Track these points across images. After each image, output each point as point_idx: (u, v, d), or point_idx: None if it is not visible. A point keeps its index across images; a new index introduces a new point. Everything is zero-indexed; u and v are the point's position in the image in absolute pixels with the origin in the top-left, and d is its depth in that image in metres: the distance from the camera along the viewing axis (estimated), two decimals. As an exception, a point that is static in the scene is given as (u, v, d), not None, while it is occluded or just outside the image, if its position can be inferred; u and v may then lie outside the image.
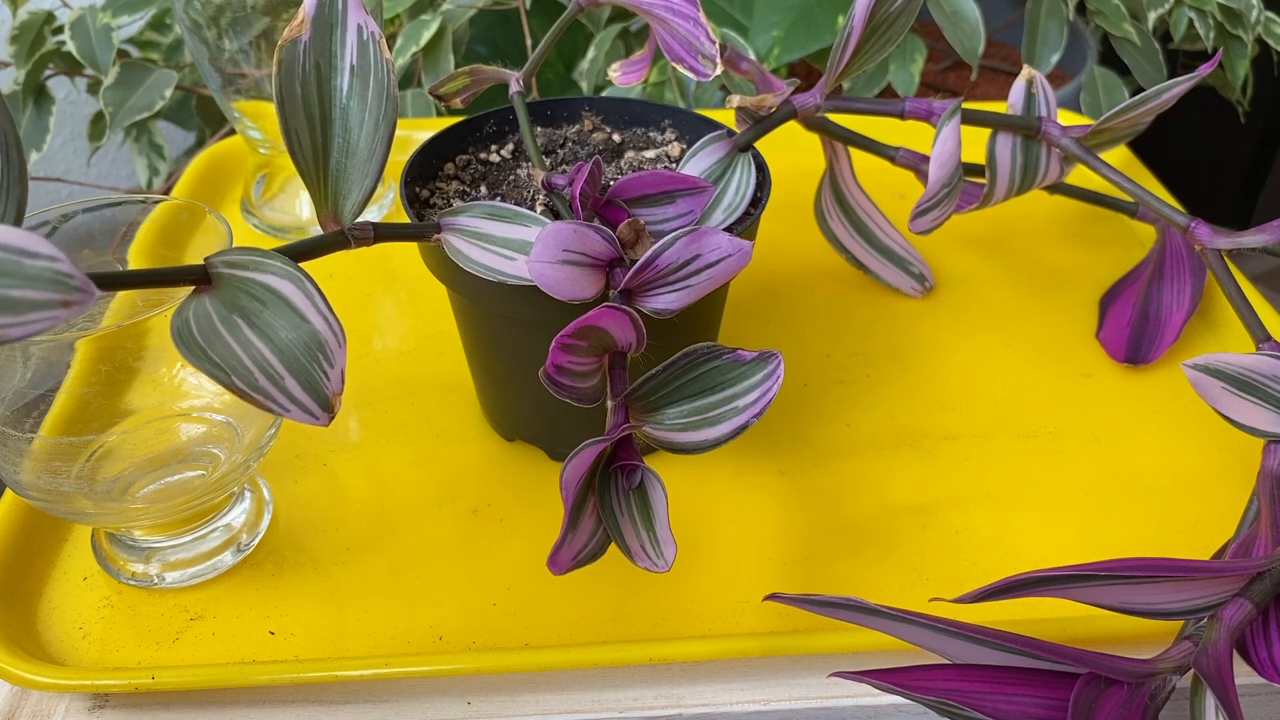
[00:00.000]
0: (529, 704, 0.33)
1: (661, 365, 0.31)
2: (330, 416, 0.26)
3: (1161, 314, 0.47)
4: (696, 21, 0.37)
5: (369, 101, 0.30)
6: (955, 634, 0.28)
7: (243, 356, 0.26)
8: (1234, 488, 0.40)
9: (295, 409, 0.26)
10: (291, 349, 0.26)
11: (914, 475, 0.41)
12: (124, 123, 0.69)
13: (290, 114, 0.30)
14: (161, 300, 0.37)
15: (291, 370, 0.26)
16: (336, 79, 0.30)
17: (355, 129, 0.30)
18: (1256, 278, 1.13)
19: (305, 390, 0.26)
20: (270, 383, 0.26)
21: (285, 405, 0.26)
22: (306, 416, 0.26)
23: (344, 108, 0.30)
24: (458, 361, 0.45)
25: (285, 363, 0.26)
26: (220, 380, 0.25)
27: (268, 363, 0.26)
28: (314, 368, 0.26)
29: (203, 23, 0.49)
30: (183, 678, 0.32)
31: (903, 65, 0.73)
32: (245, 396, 0.25)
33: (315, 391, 0.26)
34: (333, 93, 0.30)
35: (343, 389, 0.26)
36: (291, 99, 0.30)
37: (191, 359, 0.25)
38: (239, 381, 0.25)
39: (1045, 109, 0.43)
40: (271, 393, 0.26)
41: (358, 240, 0.31)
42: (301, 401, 0.26)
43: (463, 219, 0.33)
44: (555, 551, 0.29)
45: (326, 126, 0.30)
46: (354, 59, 0.30)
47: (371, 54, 0.31)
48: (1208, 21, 0.75)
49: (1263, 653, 0.29)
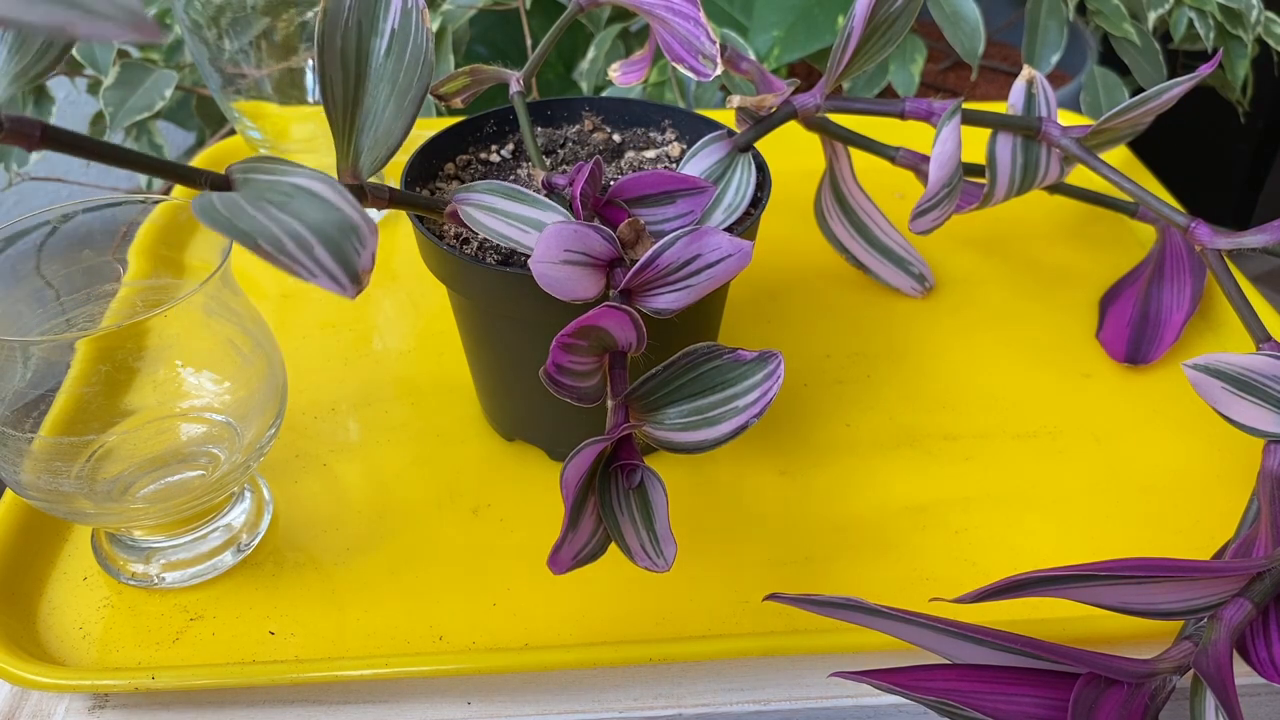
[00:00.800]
0: (529, 704, 0.33)
1: (662, 365, 0.31)
2: (358, 289, 0.25)
3: (1161, 314, 0.47)
4: (697, 21, 0.37)
5: (405, 64, 0.31)
6: (955, 634, 0.28)
7: (270, 225, 0.25)
8: (1234, 488, 0.40)
9: (323, 275, 0.25)
10: (323, 225, 0.25)
11: (914, 475, 0.41)
12: (124, 123, 0.69)
13: (328, 61, 0.30)
14: (162, 300, 0.37)
15: (322, 239, 0.25)
16: (376, 40, 0.31)
17: (388, 88, 0.31)
18: (1256, 278, 1.13)
19: (335, 259, 0.25)
20: (299, 248, 0.25)
21: (313, 270, 0.24)
22: (334, 285, 0.25)
23: (379, 67, 0.31)
24: (458, 361, 0.45)
25: (316, 233, 0.25)
26: (245, 244, 0.24)
27: (297, 233, 0.25)
28: (345, 242, 0.25)
29: (203, 23, 0.49)
30: (183, 678, 0.32)
31: (903, 65, 0.73)
32: (272, 260, 0.24)
33: (345, 262, 0.25)
34: (370, 53, 0.31)
35: (372, 270, 0.25)
36: (331, 48, 0.30)
37: (215, 227, 0.24)
38: (265, 244, 0.24)
39: (1045, 109, 0.43)
40: (299, 257, 0.24)
41: (374, 197, 0.31)
42: (330, 269, 0.25)
43: (476, 195, 0.33)
44: (555, 551, 0.29)
45: (361, 81, 0.31)
46: (395, 24, 0.31)
47: (413, 22, 0.31)
48: (1208, 21, 0.75)
49: (1263, 653, 0.29)
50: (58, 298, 0.36)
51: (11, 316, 0.34)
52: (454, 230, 0.37)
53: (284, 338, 0.48)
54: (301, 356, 0.47)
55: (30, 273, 0.35)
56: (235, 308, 0.35)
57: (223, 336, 0.34)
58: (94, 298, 0.36)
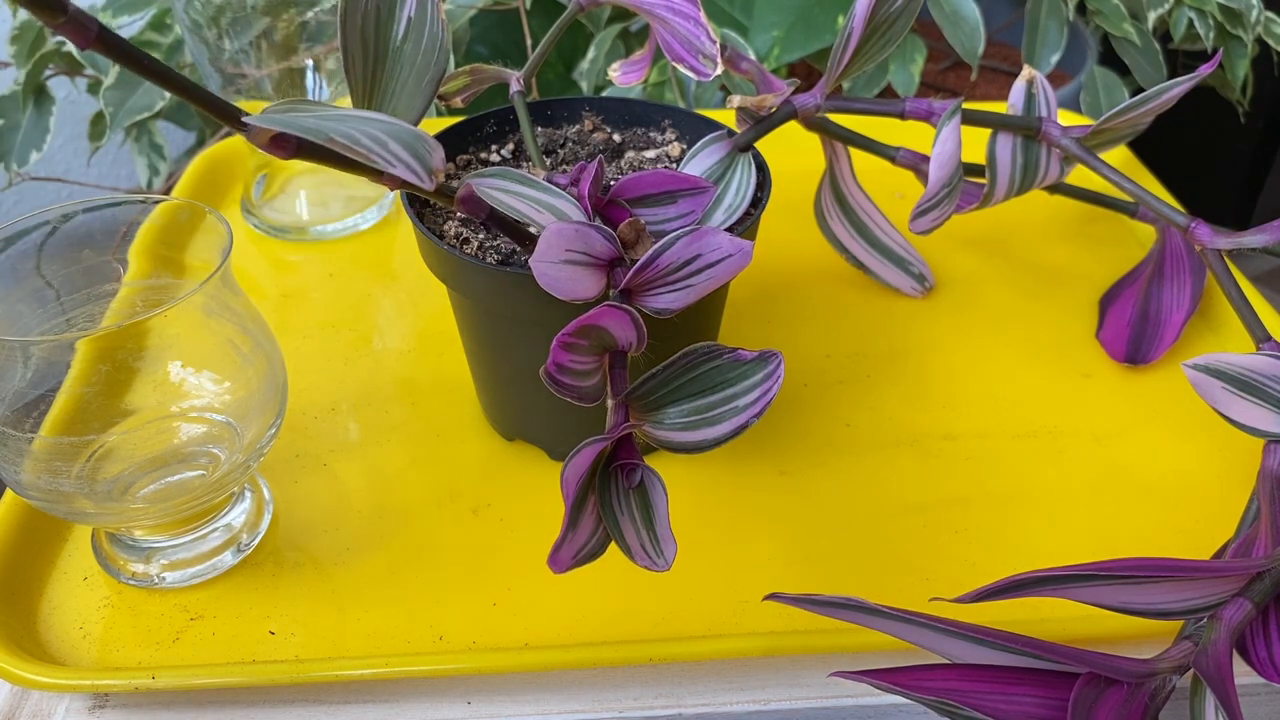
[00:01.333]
0: (529, 704, 0.33)
1: (662, 365, 0.31)
2: (433, 181, 0.26)
3: (1161, 314, 0.47)
4: (697, 21, 0.37)
5: (422, 49, 0.32)
6: (955, 634, 0.28)
7: (341, 125, 0.25)
8: (1234, 488, 0.40)
9: (400, 165, 0.26)
10: (395, 131, 0.26)
11: (914, 475, 0.41)
12: (124, 123, 0.69)
13: (350, 39, 0.31)
14: (162, 300, 0.37)
15: (395, 138, 0.26)
16: (395, 25, 0.32)
17: (406, 69, 0.32)
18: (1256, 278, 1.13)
19: (409, 153, 0.26)
20: (373, 143, 0.25)
21: (390, 161, 0.25)
22: (411, 175, 0.26)
23: (397, 49, 0.32)
24: (458, 361, 0.45)
25: (390, 135, 0.26)
26: (318, 139, 0.25)
27: (372, 133, 0.26)
28: (417, 143, 0.26)
29: (203, 23, 0.49)
30: (183, 677, 0.32)
31: (903, 65, 0.73)
32: (349, 151, 0.25)
33: (420, 157, 0.26)
34: (390, 36, 0.32)
35: (443, 171, 0.26)
36: (353, 27, 0.31)
37: (281, 126, 0.25)
38: (340, 138, 0.25)
39: (1045, 109, 0.43)
40: (375, 150, 0.25)
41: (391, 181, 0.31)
42: (406, 161, 0.26)
43: (490, 179, 0.33)
44: (555, 551, 0.29)
45: (380, 61, 0.32)
46: (412, 12, 0.32)
47: (429, 13, 0.32)
48: (1208, 21, 0.75)
49: (1262, 652, 0.29)
50: (58, 298, 0.36)
51: (11, 316, 0.34)
52: (454, 230, 0.37)
53: (284, 338, 0.48)
54: (301, 356, 0.47)
55: (30, 273, 0.35)
56: (235, 308, 0.35)
57: (223, 336, 0.34)
58: (94, 298, 0.36)
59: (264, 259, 0.54)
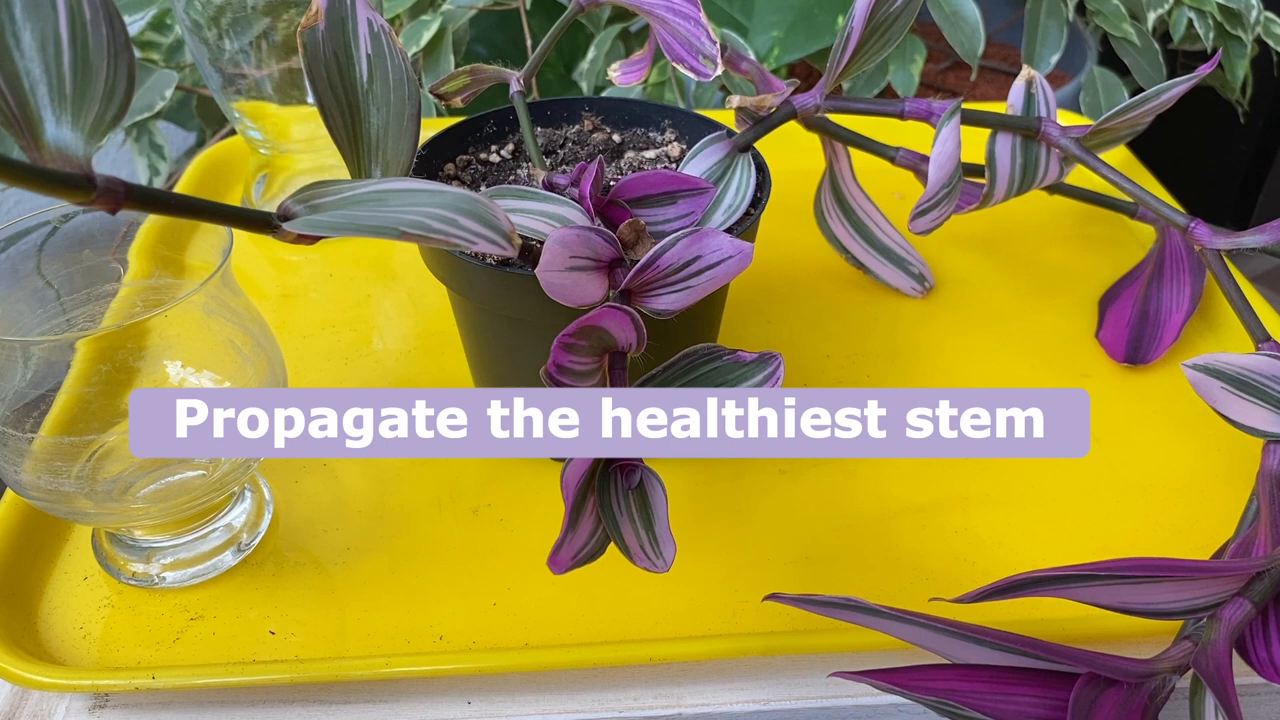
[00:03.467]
0: (529, 704, 0.33)
1: (662, 365, 0.31)
2: (516, 247, 0.26)
3: (1161, 314, 0.47)
4: (697, 21, 0.37)
5: (390, 85, 0.31)
6: (955, 634, 0.28)
7: (404, 215, 0.25)
8: (1234, 488, 0.40)
9: (482, 241, 0.25)
10: (450, 202, 0.25)
11: (914, 475, 0.41)
12: (124, 123, 0.69)
13: (321, 93, 0.31)
14: (162, 300, 0.37)
15: (459, 210, 0.25)
16: (356, 69, 0.31)
17: (382, 110, 0.31)
18: (1256, 278, 1.13)
19: (482, 224, 0.25)
20: (445, 224, 0.25)
21: (470, 238, 0.25)
22: (494, 246, 0.25)
23: (367, 91, 0.31)
24: (458, 361, 0.45)
25: (451, 208, 0.25)
26: (388, 235, 0.24)
27: (433, 213, 0.25)
28: (479, 209, 0.25)
29: (203, 23, 0.49)
30: (183, 677, 0.32)
31: (902, 65, 0.73)
32: (425, 241, 0.25)
33: (493, 225, 0.25)
34: (355, 80, 0.31)
35: (515, 230, 0.26)
36: (319, 80, 0.31)
37: (341, 232, 0.25)
38: (411, 230, 0.24)
39: (1045, 109, 0.43)
40: (449, 231, 0.25)
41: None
42: (484, 234, 0.25)
43: None
44: (555, 551, 0.29)
45: (355, 111, 0.31)
46: (369, 49, 0.31)
47: (385, 45, 0.31)
48: (1207, 22, 0.75)
49: (1262, 652, 0.29)
50: (58, 298, 0.36)
51: (12, 316, 0.34)
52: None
53: (284, 338, 0.48)
54: (301, 356, 0.47)
55: (31, 273, 0.35)
56: (235, 308, 0.35)
57: (223, 336, 0.34)
58: (94, 298, 0.36)
59: (264, 259, 0.54)
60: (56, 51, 0.22)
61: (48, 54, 0.22)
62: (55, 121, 0.23)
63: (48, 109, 0.22)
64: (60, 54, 0.22)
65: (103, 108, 0.23)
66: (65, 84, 0.23)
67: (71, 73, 0.23)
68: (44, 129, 0.22)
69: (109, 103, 0.23)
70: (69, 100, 0.23)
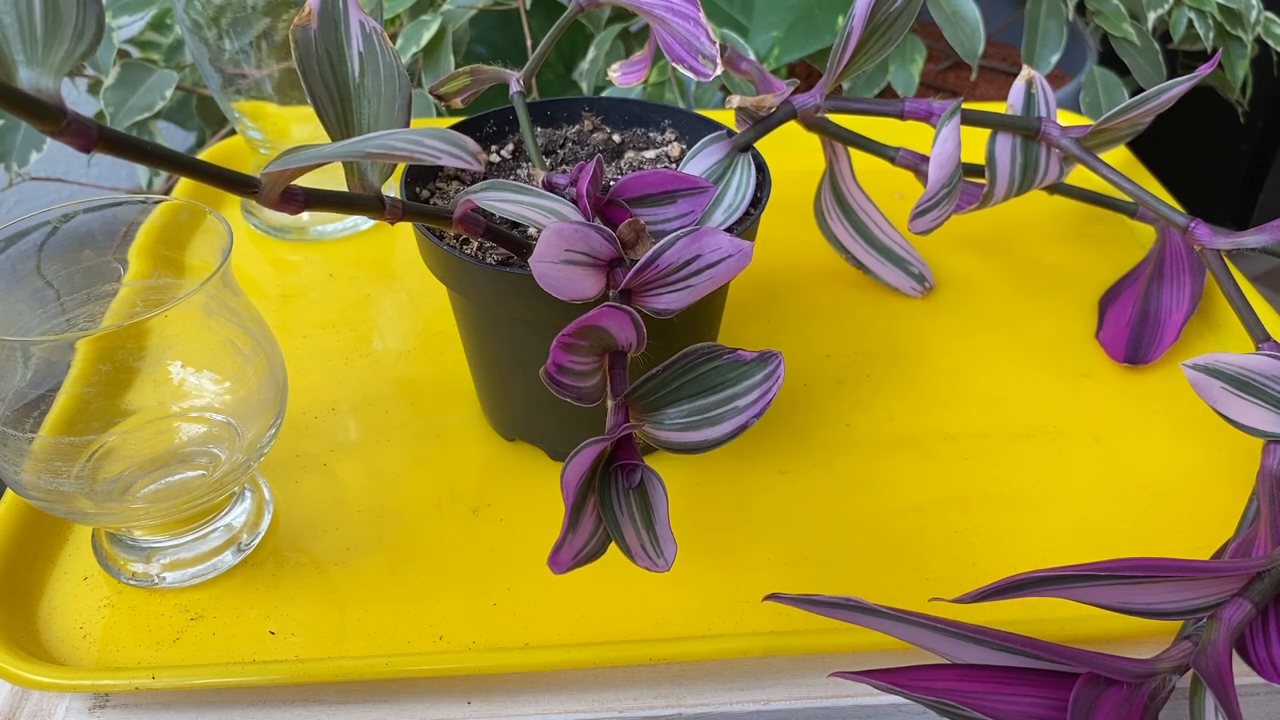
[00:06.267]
0: (529, 704, 0.33)
1: (662, 365, 0.31)
2: (482, 163, 0.28)
3: (1161, 314, 0.48)
4: (697, 22, 0.37)
5: (382, 80, 0.32)
6: (955, 634, 0.28)
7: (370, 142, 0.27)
8: (1234, 488, 0.40)
9: (445, 155, 0.27)
10: (422, 132, 0.28)
11: (914, 475, 0.41)
12: (124, 123, 0.69)
13: (314, 87, 0.32)
14: (162, 300, 0.37)
15: (427, 135, 0.27)
16: (348, 65, 0.32)
17: (374, 102, 0.32)
18: (1256, 278, 1.13)
19: (447, 143, 0.27)
20: (409, 144, 0.27)
21: (435, 154, 0.27)
22: (459, 161, 0.27)
23: (359, 86, 0.32)
24: (458, 361, 0.45)
25: (420, 134, 0.27)
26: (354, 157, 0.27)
27: (399, 135, 0.27)
28: (446, 134, 0.28)
29: (203, 23, 0.49)
30: (183, 677, 0.32)
31: (902, 65, 0.73)
32: (390, 158, 0.27)
33: (458, 144, 0.27)
34: (347, 76, 0.32)
35: (481, 152, 0.28)
36: (311, 74, 0.32)
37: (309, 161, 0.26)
38: (376, 150, 0.27)
39: (1045, 109, 0.43)
40: (414, 149, 0.27)
41: (390, 208, 0.32)
42: (447, 150, 0.27)
43: (487, 194, 0.33)
44: (555, 551, 0.29)
45: (346, 102, 0.32)
46: (360, 47, 0.32)
47: (376, 45, 0.32)
48: (1207, 22, 0.75)
49: (1262, 653, 0.29)
50: (58, 298, 0.36)
51: (12, 316, 0.34)
52: (454, 231, 0.37)
53: (284, 338, 0.48)
54: (301, 356, 0.47)
55: (30, 273, 0.35)
56: (235, 308, 0.35)
57: (223, 336, 0.34)
58: (94, 298, 0.36)
59: (264, 259, 0.54)
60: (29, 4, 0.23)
61: (20, 6, 0.23)
62: (26, 62, 0.24)
63: (19, 54, 0.23)
64: (31, 6, 0.23)
65: (72, 46, 0.24)
66: (37, 31, 0.24)
67: (43, 21, 0.24)
68: (16, 70, 0.23)
69: (78, 41, 0.24)
70: (39, 43, 0.24)
